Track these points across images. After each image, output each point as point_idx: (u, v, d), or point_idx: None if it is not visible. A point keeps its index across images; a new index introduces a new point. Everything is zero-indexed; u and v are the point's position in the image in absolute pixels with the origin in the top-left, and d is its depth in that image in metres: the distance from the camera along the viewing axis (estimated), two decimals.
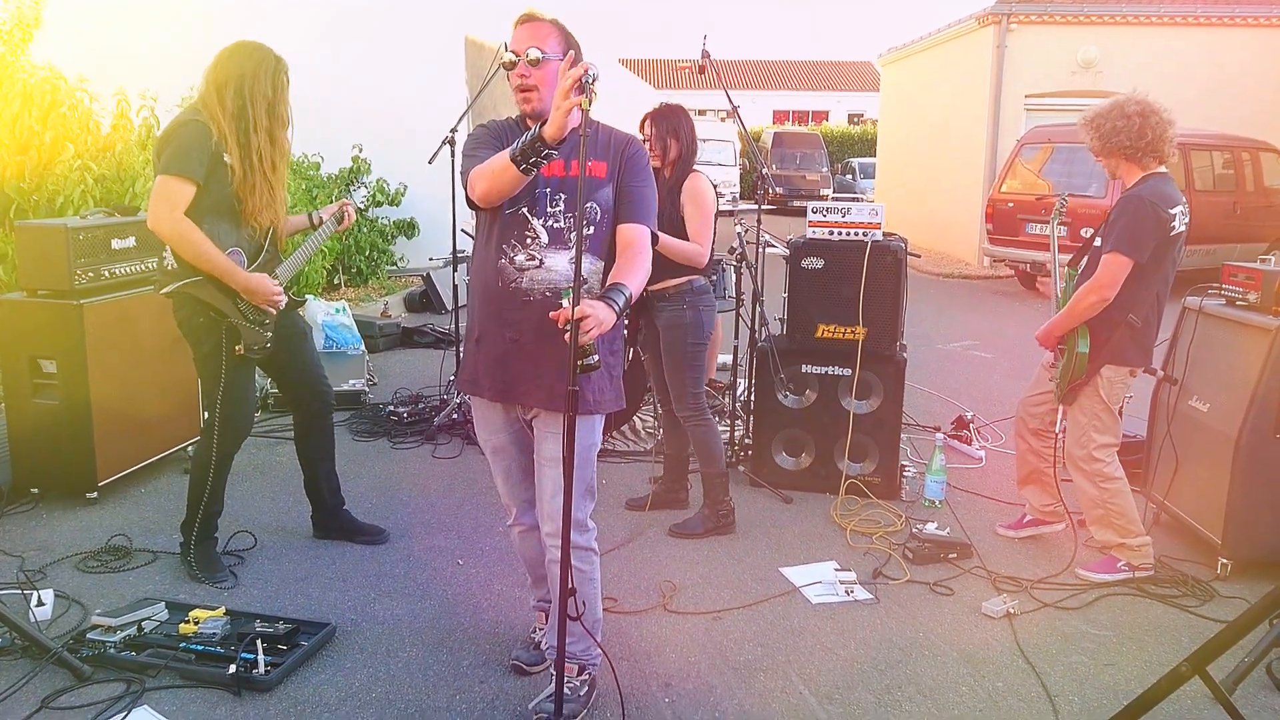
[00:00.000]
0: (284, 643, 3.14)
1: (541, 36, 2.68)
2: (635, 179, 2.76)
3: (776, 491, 4.77)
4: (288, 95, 3.62)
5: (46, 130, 6.12)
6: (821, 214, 4.73)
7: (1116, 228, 3.68)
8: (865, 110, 40.43)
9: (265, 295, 3.56)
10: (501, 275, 2.70)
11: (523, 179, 2.55)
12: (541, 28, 2.69)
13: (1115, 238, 3.67)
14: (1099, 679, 3.15)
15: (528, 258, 2.68)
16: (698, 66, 5.38)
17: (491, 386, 2.79)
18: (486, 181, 2.58)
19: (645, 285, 2.94)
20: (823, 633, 3.43)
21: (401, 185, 10.76)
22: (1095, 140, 3.80)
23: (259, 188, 3.54)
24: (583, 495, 2.78)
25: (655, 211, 2.82)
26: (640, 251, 2.71)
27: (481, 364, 2.80)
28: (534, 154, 2.45)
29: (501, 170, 2.53)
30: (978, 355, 8.45)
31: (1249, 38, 14.86)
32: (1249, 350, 3.82)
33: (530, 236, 2.69)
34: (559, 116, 2.36)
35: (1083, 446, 3.86)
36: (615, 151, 2.76)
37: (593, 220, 2.72)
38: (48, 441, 4.32)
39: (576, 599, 2.55)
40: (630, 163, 2.76)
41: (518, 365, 2.73)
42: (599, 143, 2.74)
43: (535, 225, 2.68)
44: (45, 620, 3.33)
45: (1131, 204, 3.68)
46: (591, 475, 2.83)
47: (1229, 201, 11.86)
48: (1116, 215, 3.71)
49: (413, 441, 5.54)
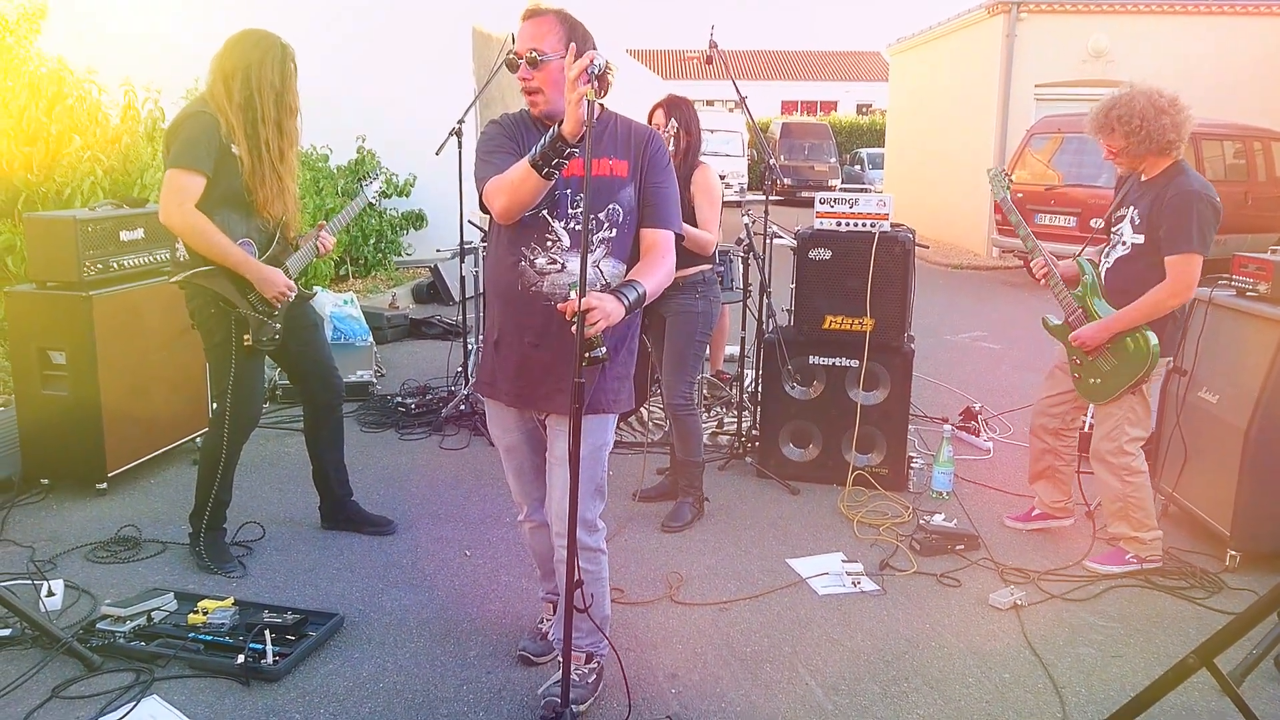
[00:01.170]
0: (292, 633, 3.15)
1: (542, 34, 2.58)
2: (659, 177, 2.71)
3: (783, 483, 4.76)
4: (295, 84, 3.61)
5: (53, 122, 6.12)
6: (829, 205, 4.71)
7: (1183, 225, 3.53)
8: (874, 100, 40.25)
9: (277, 287, 3.57)
10: (521, 278, 2.64)
11: (545, 186, 2.45)
12: (543, 23, 2.60)
13: (1184, 236, 3.54)
14: (1106, 671, 3.15)
15: (549, 261, 2.62)
16: (705, 57, 5.35)
17: (509, 392, 2.77)
18: (506, 196, 2.50)
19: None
20: (829, 624, 3.43)
21: (411, 176, 10.76)
22: (1125, 140, 3.66)
23: (268, 178, 3.54)
24: (592, 495, 2.76)
25: (679, 210, 2.78)
26: (664, 255, 2.67)
27: (500, 369, 2.77)
28: (556, 155, 2.36)
29: (522, 180, 2.44)
30: (986, 346, 8.42)
31: (1260, 26, 14.74)
32: (1259, 341, 3.80)
33: (551, 239, 2.62)
34: (572, 111, 2.29)
35: (1114, 440, 3.79)
36: (637, 148, 2.69)
37: (615, 221, 2.66)
38: (57, 433, 4.34)
39: (584, 593, 2.55)
40: (654, 160, 2.70)
41: (537, 371, 2.69)
42: (619, 139, 2.67)
43: (556, 228, 2.62)
44: (55, 610, 3.36)
45: (1190, 199, 3.56)
46: (602, 476, 2.81)
47: (1241, 191, 11.78)
48: (1178, 212, 3.56)
49: (420, 432, 5.55)
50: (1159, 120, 3.61)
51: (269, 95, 3.51)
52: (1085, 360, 3.82)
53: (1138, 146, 3.68)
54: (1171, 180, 3.66)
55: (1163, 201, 3.63)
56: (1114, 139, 3.71)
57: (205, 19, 9.77)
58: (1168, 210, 3.60)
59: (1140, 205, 3.73)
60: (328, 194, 9.64)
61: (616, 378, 2.75)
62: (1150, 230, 3.66)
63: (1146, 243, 3.68)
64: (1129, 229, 3.77)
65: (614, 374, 2.74)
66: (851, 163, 29.40)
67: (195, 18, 10.48)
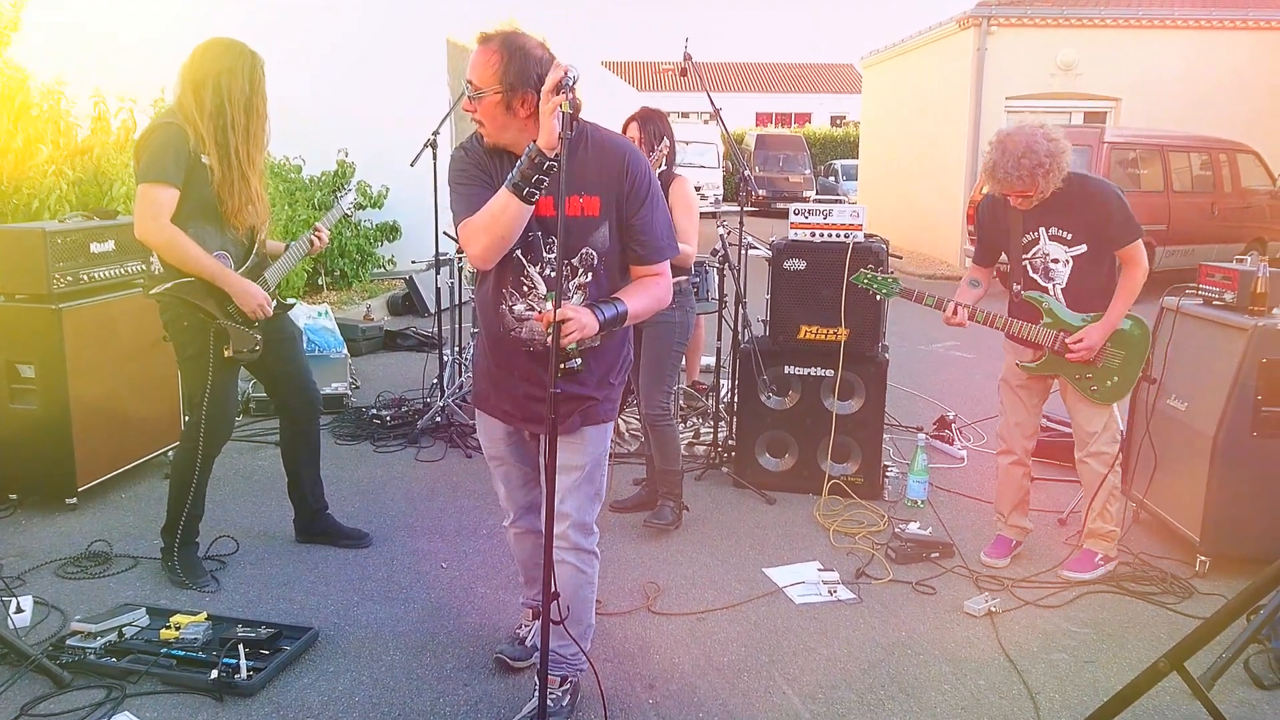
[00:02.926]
0: (266, 647, 3.12)
1: (480, 66, 2.44)
2: (643, 210, 2.57)
3: (759, 492, 4.78)
4: (265, 90, 3.59)
5: (18, 133, 6.05)
6: (803, 215, 4.75)
7: (1126, 216, 3.68)
8: (847, 112, 40.58)
9: (256, 300, 3.55)
10: (502, 321, 2.64)
11: (527, 211, 2.39)
12: (484, 55, 2.44)
13: (1133, 225, 3.69)
14: (1079, 676, 3.18)
15: (526, 308, 2.60)
16: (680, 69, 5.39)
17: (501, 410, 2.79)
18: (485, 234, 2.41)
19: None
20: (806, 633, 3.44)
21: (384, 188, 10.73)
22: (1033, 183, 3.61)
23: (237, 185, 3.52)
24: (592, 499, 2.77)
25: (671, 233, 2.68)
26: (656, 279, 2.64)
27: (493, 390, 2.79)
28: (536, 171, 2.32)
29: (501, 210, 2.38)
30: (959, 355, 8.50)
31: (1226, 41, 15.01)
32: (1226, 349, 3.86)
33: (527, 285, 2.60)
34: (547, 122, 2.28)
35: (1110, 433, 3.85)
36: (612, 179, 2.54)
37: (589, 265, 2.56)
38: (26, 447, 4.28)
39: (568, 601, 2.56)
40: (633, 191, 2.55)
41: (525, 398, 2.71)
42: (590, 167, 2.51)
43: (532, 274, 2.58)
44: (24, 627, 3.31)
45: (1114, 193, 3.72)
46: (602, 481, 2.82)
47: (1207, 202, 11.98)
48: (1116, 208, 3.67)
49: (396, 445, 5.53)
50: (1055, 155, 3.59)
51: (239, 103, 3.49)
52: (1094, 369, 3.80)
53: (1046, 187, 3.64)
54: (1078, 187, 3.71)
55: (1087, 206, 3.70)
56: (1027, 186, 3.63)
57: (182, 32, 9.71)
58: (1100, 212, 3.69)
59: (1056, 221, 3.74)
60: (300, 205, 9.59)
61: (612, 388, 2.76)
62: (1090, 234, 3.71)
63: (1092, 248, 3.72)
64: (1059, 247, 3.76)
65: (610, 385, 2.75)
66: (826, 174, 29.61)
67: (176, 30, 10.40)
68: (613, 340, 2.72)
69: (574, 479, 2.70)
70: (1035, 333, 3.80)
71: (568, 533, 2.70)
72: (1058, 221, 3.75)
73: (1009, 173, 3.61)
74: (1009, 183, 3.65)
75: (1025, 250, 3.84)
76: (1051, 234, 3.77)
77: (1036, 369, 3.88)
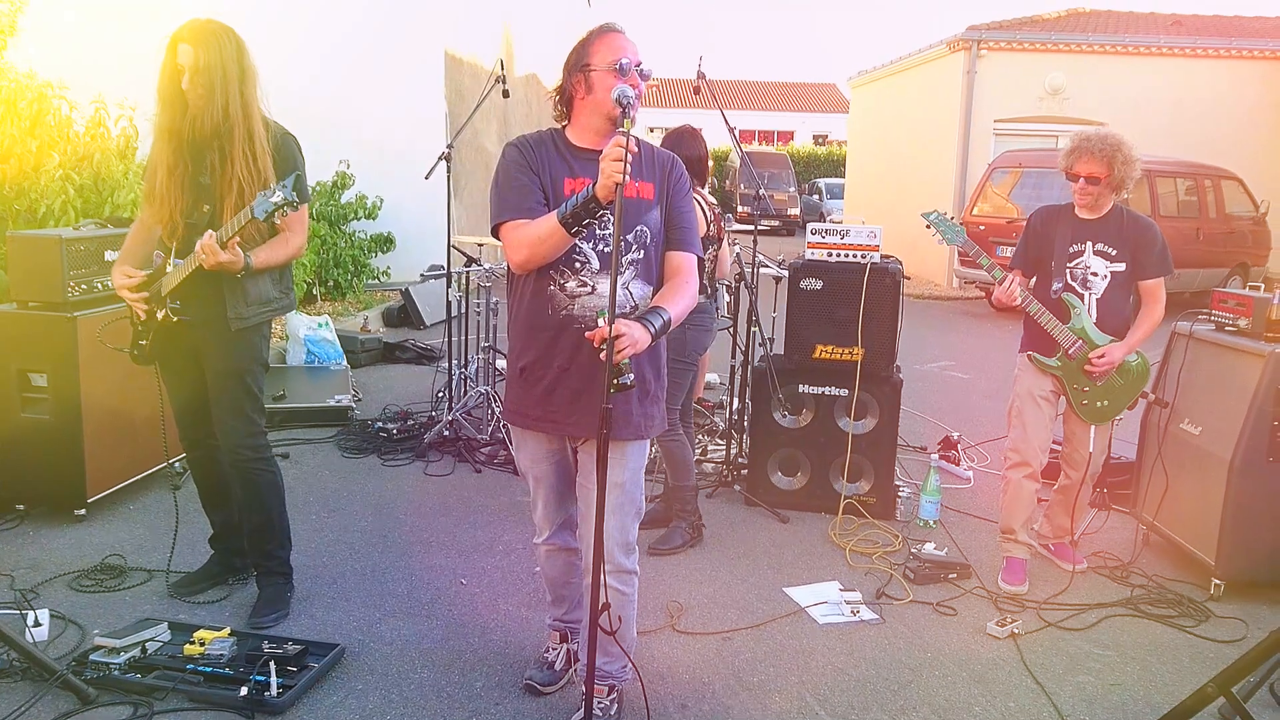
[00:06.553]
0: (293, 664, 3.08)
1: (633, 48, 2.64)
2: (682, 202, 2.74)
3: (773, 510, 4.78)
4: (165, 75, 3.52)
5: (33, 139, 5.98)
6: (820, 235, 4.77)
7: (1164, 253, 3.93)
8: (830, 131, 40.89)
9: (115, 280, 3.40)
10: (552, 302, 2.64)
11: (569, 243, 2.52)
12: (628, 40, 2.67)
13: (1166, 263, 3.95)
14: (1107, 699, 3.19)
15: (579, 284, 2.63)
16: (694, 87, 5.44)
17: (537, 416, 2.75)
18: (527, 250, 2.55)
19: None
20: (833, 653, 3.44)
21: (378, 199, 10.67)
22: (1110, 170, 3.84)
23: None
24: (634, 518, 2.78)
25: (699, 236, 2.81)
26: (688, 279, 2.69)
27: (528, 396, 2.74)
28: (587, 214, 2.43)
29: (548, 234, 2.49)
30: (955, 375, 8.56)
31: (1212, 69, 15.30)
32: (1242, 375, 3.91)
33: (581, 261, 2.63)
34: (607, 179, 2.33)
35: (1102, 452, 4.12)
36: (662, 172, 2.72)
37: (642, 243, 2.68)
38: (36, 456, 4.22)
39: (611, 615, 2.54)
40: (677, 185, 2.74)
41: (565, 396, 2.67)
42: (644, 162, 2.70)
43: (586, 250, 2.63)
44: (43, 641, 3.25)
45: (1157, 231, 3.97)
46: (640, 498, 2.81)
47: (1192, 228, 12.14)
48: (1157, 241, 3.92)
49: (403, 458, 5.49)
50: (1134, 162, 3.88)
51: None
52: (1094, 385, 3.95)
53: (1114, 180, 3.87)
54: (1130, 214, 4.00)
55: (1136, 231, 3.94)
56: (1104, 168, 3.85)
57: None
58: (1146, 239, 3.93)
59: (1104, 238, 3.94)
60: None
61: (648, 401, 2.76)
62: (1131, 257, 3.93)
63: (1127, 269, 3.94)
64: (1101, 261, 3.94)
65: (649, 399, 2.75)
66: (810, 192, 29.77)
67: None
68: (655, 354, 2.74)
69: (616, 498, 2.69)
70: (1060, 331, 3.94)
71: (612, 552, 2.69)
72: (1105, 239, 3.94)
73: (1096, 146, 3.87)
74: (1090, 154, 3.87)
75: (1070, 260, 3.99)
76: (1097, 249, 3.95)
77: (1049, 366, 4.02)
